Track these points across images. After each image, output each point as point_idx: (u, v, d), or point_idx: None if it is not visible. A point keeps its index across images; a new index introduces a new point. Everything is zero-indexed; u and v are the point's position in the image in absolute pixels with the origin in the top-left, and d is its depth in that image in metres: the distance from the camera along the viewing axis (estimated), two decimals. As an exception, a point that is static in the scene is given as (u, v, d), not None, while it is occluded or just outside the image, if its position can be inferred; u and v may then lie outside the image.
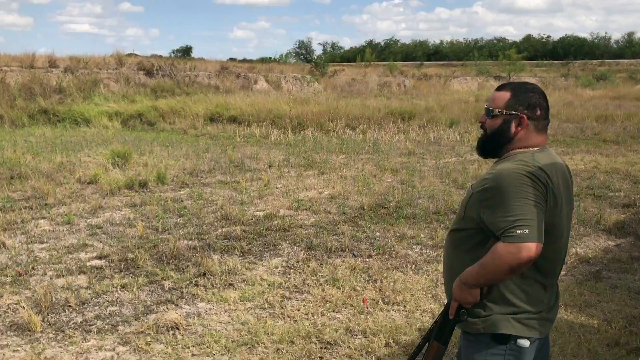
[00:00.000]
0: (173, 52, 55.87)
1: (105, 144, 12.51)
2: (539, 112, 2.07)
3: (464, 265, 2.03)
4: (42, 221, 6.71)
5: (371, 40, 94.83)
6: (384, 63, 48.08)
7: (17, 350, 3.70)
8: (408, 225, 6.66)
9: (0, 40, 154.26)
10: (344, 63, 53.54)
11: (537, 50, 77.38)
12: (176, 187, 8.66)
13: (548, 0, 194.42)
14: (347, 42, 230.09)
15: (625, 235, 6.53)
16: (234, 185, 8.79)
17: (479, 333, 2.03)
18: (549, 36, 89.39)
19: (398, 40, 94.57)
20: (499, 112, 2.06)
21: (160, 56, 38.41)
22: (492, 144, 2.11)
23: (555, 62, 58.80)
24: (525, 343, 2.01)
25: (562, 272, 5.23)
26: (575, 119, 18.68)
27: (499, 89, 2.14)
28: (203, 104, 18.48)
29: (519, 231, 1.83)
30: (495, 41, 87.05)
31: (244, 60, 45.45)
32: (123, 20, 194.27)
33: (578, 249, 5.99)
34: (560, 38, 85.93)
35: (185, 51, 58.67)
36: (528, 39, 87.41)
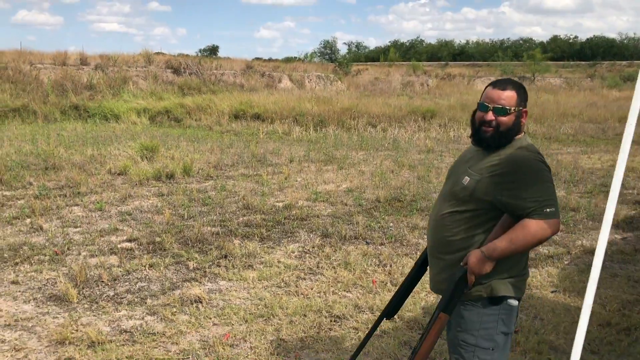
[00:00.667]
0: (200, 52, 56.60)
1: (133, 138, 13.00)
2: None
3: (464, 242, 2.32)
4: (75, 208, 7.16)
5: (396, 40, 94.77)
6: (408, 63, 48.14)
7: (56, 317, 4.10)
8: (421, 217, 6.95)
9: (32, 39, 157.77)
10: (368, 63, 53.73)
11: (564, 51, 76.51)
12: (201, 179, 9.07)
13: (577, 0, 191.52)
14: (373, 42, 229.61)
15: (633, 229, 6.73)
16: (256, 178, 9.16)
17: (479, 298, 2.30)
18: (576, 37, 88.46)
19: (423, 40, 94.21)
20: (513, 110, 2.30)
21: (187, 55, 39.06)
22: (507, 137, 2.32)
23: (582, 62, 58.17)
24: (514, 302, 2.32)
25: (566, 262, 5.50)
26: (598, 120, 18.68)
27: (503, 88, 2.33)
28: (228, 101, 18.92)
29: (547, 210, 2.15)
30: (521, 42, 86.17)
31: (269, 60, 45.94)
32: (151, 19, 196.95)
33: (584, 242, 6.22)
34: (587, 39, 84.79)
35: (212, 50, 59.44)
36: (555, 39, 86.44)
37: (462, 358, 2.36)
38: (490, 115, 2.32)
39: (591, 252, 5.88)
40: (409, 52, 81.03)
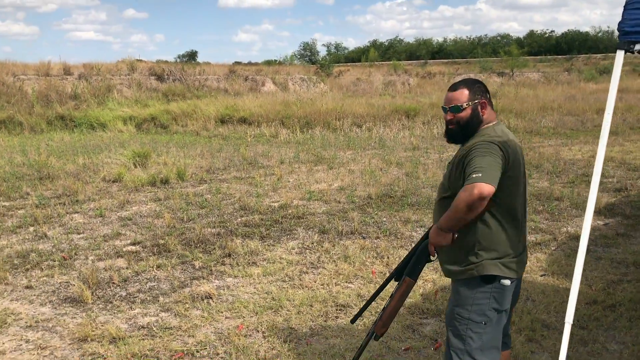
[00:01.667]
0: (179, 57, 56.56)
1: (123, 146, 13.13)
2: (488, 95, 2.65)
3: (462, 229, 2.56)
4: (76, 215, 7.32)
5: (375, 40, 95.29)
6: (389, 62, 48.58)
7: (74, 317, 4.29)
8: (412, 211, 7.22)
9: (8, 50, 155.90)
10: (349, 64, 54.08)
11: (541, 45, 77.59)
12: (195, 183, 9.26)
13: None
14: (352, 43, 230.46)
15: (614, 215, 7.06)
16: (249, 180, 9.38)
17: (472, 277, 2.56)
18: (552, 31, 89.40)
19: (402, 40, 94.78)
20: (467, 104, 2.57)
21: (167, 61, 39.02)
22: (470, 128, 2.59)
23: (559, 57, 59.11)
24: (507, 282, 2.56)
25: (553, 247, 5.80)
26: (576, 112, 19.12)
27: (454, 89, 2.62)
28: (213, 106, 19.09)
29: (474, 175, 2.31)
30: (498, 38, 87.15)
31: (250, 64, 46.09)
32: (128, 26, 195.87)
33: (569, 228, 6.53)
34: (563, 33, 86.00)
35: (191, 56, 59.45)
36: (531, 34, 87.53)
37: (456, 330, 2.59)
38: (449, 115, 2.62)
39: (576, 237, 6.20)
40: (389, 52, 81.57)
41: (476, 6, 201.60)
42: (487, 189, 2.26)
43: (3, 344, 3.89)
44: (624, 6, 2.23)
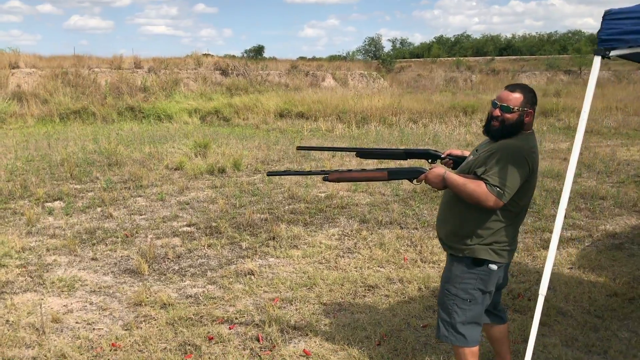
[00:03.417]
0: (245, 52, 57.77)
1: (186, 137, 13.90)
2: (535, 107, 2.84)
3: (466, 210, 2.82)
4: (139, 198, 7.98)
5: (441, 36, 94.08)
6: (453, 58, 48.04)
7: (132, 286, 4.84)
8: (453, 205, 7.45)
9: (85, 43, 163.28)
10: (412, 59, 53.81)
11: (616, 42, 74.30)
12: (250, 173, 9.80)
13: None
14: (418, 38, 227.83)
15: (658, 215, 7.06)
16: (301, 171, 9.82)
17: (464, 256, 2.85)
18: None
19: (469, 35, 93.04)
20: (517, 109, 2.77)
21: (234, 56, 40.20)
22: (510, 131, 2.79)
23: (634, 54, 56.51)
24: (494, 267, 2.84)
25: (587, 244, 5.94)
26: (643, 113, 18.58)
27: (512, 90, 2.82)
28: (274, 100, 19.71)
29: (500, 191, 2.62)
30: (569, 34, 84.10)
31: (313, 59, 46.61)
32: (198, 21, 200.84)
33: (607, 226, 6.62)
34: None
35: (257, 51, 60.63)
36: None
37: (444, 304, 2.91)
38: (497, 112, 2.81)
39: (613, 235, 6.30)
40: (455, 48, 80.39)
41: (549, 1, 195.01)
42: (498, 205, 2.65)
43: (71, 304, 4.47)
44: (602, 17, 2.48)
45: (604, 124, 16.50)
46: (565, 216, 7.16)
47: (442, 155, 3.28)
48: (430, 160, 3.36)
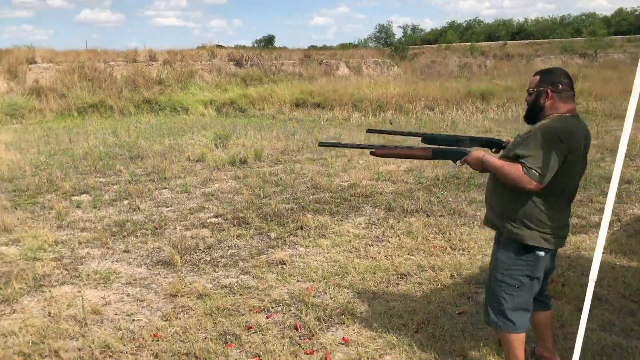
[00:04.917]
0: (256, 42, 57.59)
1: (205, 128, 13.96)
2: (560, 87, 2.82)
3: (509, 194, 2.83)
4: (164, 190, 8.05)
5: (453, 22, 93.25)
6: (466, 44, 47.62)
7: (166, 277, 4.91)
8: (478, 192, 7.45)
9: (97, 37, 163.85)
10: (425, 45, 53.40)
11: (631, 24, 73.28)
12: (271, 163, 9.84)
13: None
14: (429, 24, 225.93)
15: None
16: (321, 161, 9.85)
17: (514, 239, 2.84)
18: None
19: (481, 21, 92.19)
20: (532, 90, 2.87)
21: (245, 46, 40.10)
22: (532, 113, 2.89)
23: (651, 36, 55.75)
24: (541, 254, 2.84)
25: (616, 228, 5.92)
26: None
27: (535, 74, 2.93)
28: (289, 90, 19.73)
29: (536, 173, 2.64)
30: (583, 17, 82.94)
31: (325, 48, 46.50)
32: (207, 12, 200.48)
33: (635, 210, 6.58)
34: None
35: (268, 41, 60.41)
36: (620, 12, 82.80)
37: (492, 291, 2.93)
38: (526, 97, 2.95)
39: (641, 219, 6.26)
40: (466, 33, 79.66)
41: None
42: (538, 187, 2.68)
43: (109, 296, 4.54)
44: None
45: (622, 107, 16.32)
46: (591, 200, 7.07)
47: (504, 144, 3.32)
48: (494, 150, 3.41)
